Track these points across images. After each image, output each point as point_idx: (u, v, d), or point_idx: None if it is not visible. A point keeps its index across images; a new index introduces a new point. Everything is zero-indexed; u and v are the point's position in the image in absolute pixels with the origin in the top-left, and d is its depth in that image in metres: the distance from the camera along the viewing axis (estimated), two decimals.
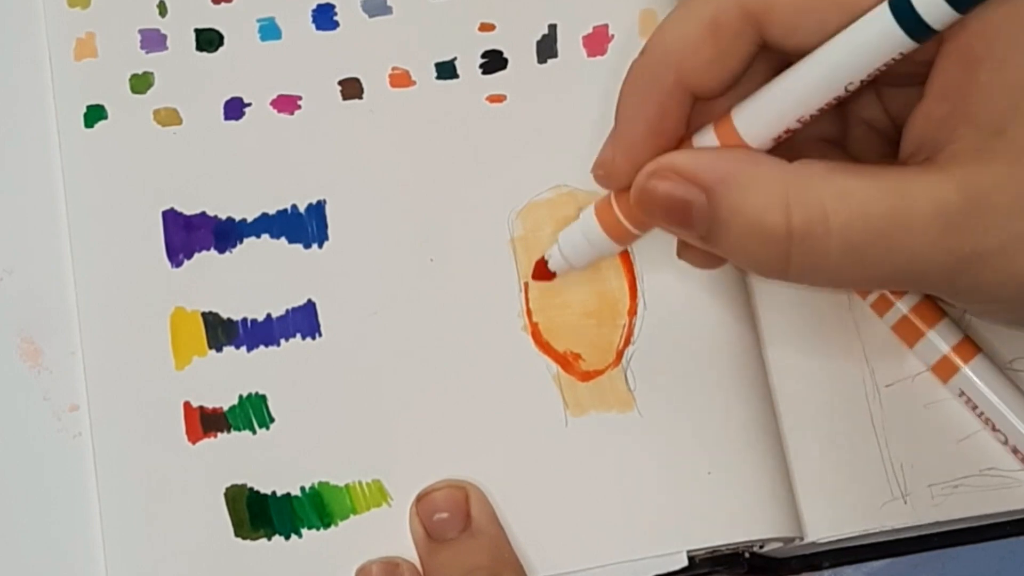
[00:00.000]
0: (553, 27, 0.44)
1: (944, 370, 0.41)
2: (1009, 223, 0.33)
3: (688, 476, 0.40)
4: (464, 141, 0.43)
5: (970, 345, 0.41)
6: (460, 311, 0.41)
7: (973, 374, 0.40)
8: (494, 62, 0.44)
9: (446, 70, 0.43)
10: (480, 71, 0.43)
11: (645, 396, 0.41)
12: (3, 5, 0.44)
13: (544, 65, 0.44)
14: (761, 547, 0.41)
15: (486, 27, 0.44)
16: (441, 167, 0.43)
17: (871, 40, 0.33)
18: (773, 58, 0.36)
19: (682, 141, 0.37)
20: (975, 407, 0.41)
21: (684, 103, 0.36)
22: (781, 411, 0.42)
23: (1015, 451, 0.40)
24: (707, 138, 0.36)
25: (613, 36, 0.44)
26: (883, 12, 0.32)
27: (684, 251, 0.40)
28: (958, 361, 0.41)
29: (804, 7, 0.34)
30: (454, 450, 0.40)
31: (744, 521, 0.40)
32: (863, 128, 0.39)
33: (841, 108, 0.38)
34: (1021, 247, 0.33)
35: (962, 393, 0.41)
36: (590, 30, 0.44)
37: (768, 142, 0.35)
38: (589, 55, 0.44)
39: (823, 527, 0.41)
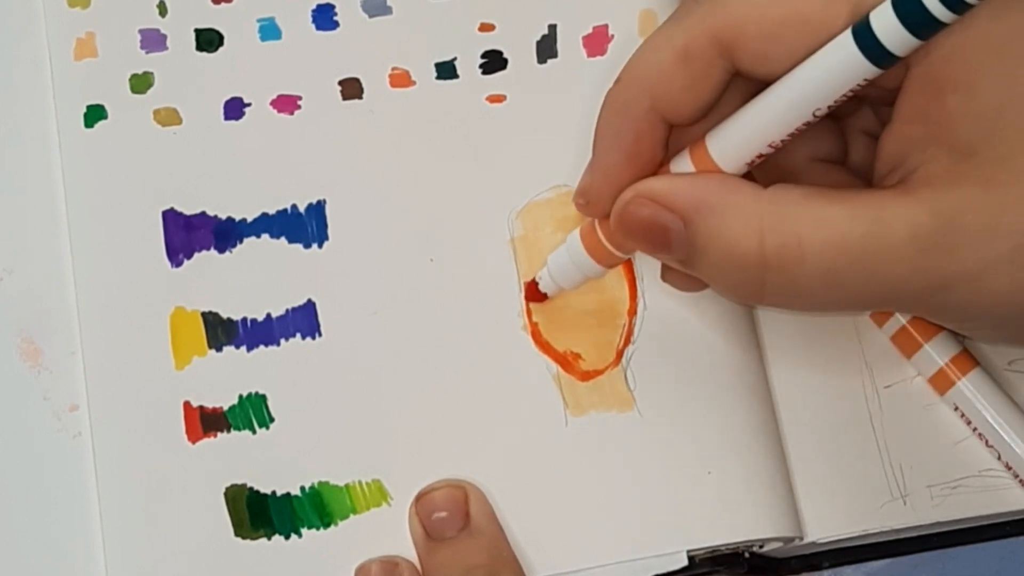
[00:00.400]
0: (553, 27, 0.44)
1: (941, 382, 0.41)
2: (982, 246, 0.33)
3: (688, 476, 0.40)
4: (464, 141, 0.43)
5: (968, 358, 0.41)
6: (460, 311, 0.41)
7: (970, 387, 0.40)
8: (494, 62, 0.44)
9: (446, 70, 0.43)
10: (480, 71, 0.43)
11: (645, 396, 0.41)
12: (3, 5, 0.44)
13: (544, 65, 0.44)
14: (761, 547, 0.41)
15: (486, 27, 0.44)
16: (441, 167, 0.43)
17: (835, 67, 0.33)
18: (750, 83, 0.36)
19: (660, 166, 0.37)
20: (969, 422, 0.41)
21: (659, 130, 0.36)
22: (781, 411, 0.42)
23: (1008, 467, 0.40)
24: (683, 163, 0.36)
25: (613, 36, 0.44)
26: (846, 39, 0.32)
27: (668, 274, 0.40)
28: (955, 374, 0.41)
29: (773, 35, 0.34)
30: (454, 450, 0.40)
31: (744, 521, 0.40)
32: (864, 139, 0.39)
33: (838, 124, 0.38)
34: (995, 270, 0.33)
35: (956, 407, 0.41)
36: (590, 30, 0.44)
37: (742, 166, 0.35)
38: (589, 55, 0.44)
39: (823, 527, 0.41)
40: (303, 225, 0.42)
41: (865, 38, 0.32)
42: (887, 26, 0.32)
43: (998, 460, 0.41)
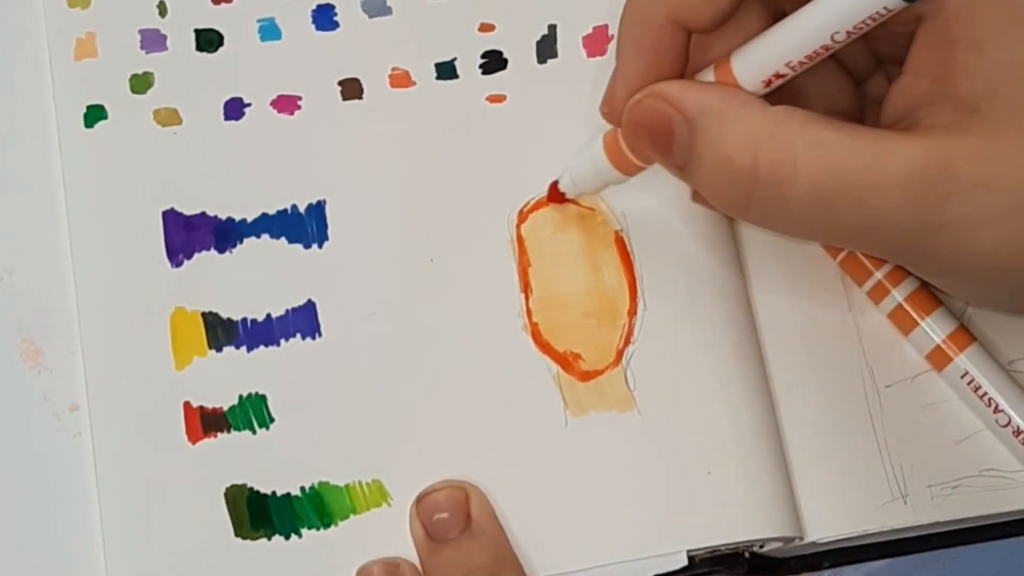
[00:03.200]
0: (553, 27, 0.44)
1: (938, 359, 0.41)
2: (975, 196, 0.33)
3: (688, 476, 0.40)
4: (464, 141, 0.43)
5: (965, 333, 0.41)
6: (460, 311, 0.41)
7: (968, 361, 0.40)
8: (494, 62, 0.44)
9: (446, 70, 0.43)
10: (480, 71, 0.43)
11: (645, 396, 0.41)
12: (3, 5, 0.44)
13: (544, 65, 0.44)
14: (761, 547, 0.41)
15: (486, 27, 0.44)
16: (441, 167, 0.43)
17: None
18: (771, 5, 0.36)
19: (680, 75, 0.37)
20: (978, 387, 0.40)
21: (678, 38, 0.37)
22: (781, 411, 0.42)
23: (1017, 432, 0.40)
24: (706, 77, 0.37)
25: (613, 36, 0.44)
26: None
27: (697, 194, 0.40)
28: (952, 350, 0.41)
29: None
30: (454, 450, 0.40)
31: (744, 521, 0.40)
32: (874, 106, 0.39)
33: (857, 86, 0.39)
34: (985, 222, 0.33)
35: (966, 373, 0.41)
36: (590, 30, 0.44)
37: (759, 84, 0.36)
38: (589, 55, 0.44)
39: (823, 527, 0.41)
40: (303, 225, 0.42)
41: None
42: None
43: (1007, 427, 0.40)
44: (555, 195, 0.42)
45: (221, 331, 0.41)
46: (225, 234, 0.42)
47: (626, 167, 0.39)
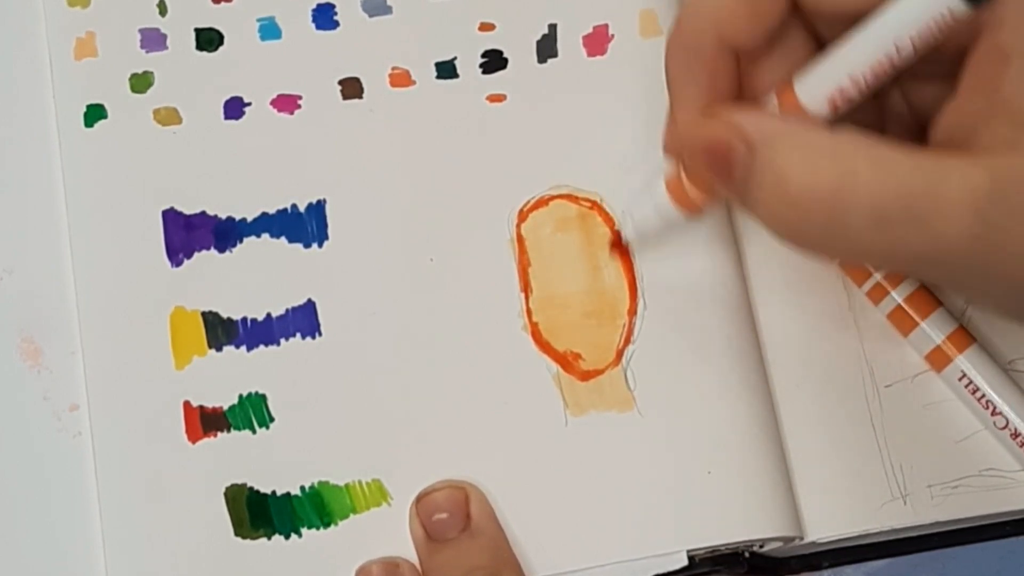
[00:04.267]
0: (553, 27, 0.44)
1: (938, 360, 0.41)
2: None
3: (688, 476, 0.40)
4: (464, 141, 0.43)
5: (965, 335, 0.41)
6: (460, 311, 0.41)
7: (968, 362, 0.40)
8: (494, 62, 0.44)
9: (446, 70, 0.43)
10: (480, 71, 0.43)
11: (645, 396, 0.41)
12: (3, 5, 0.44)
13: (544, 65, 0.44)
14: (761, 547, 0.41)
15: (486, 27, 0.44)
16: (441, 167, 0.43)
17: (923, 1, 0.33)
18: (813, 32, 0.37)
19: (735, 100, 0.37)
20: (975, 390, 0.40)
21: (730, 61, 0.37)
22: (781, 411, 0.42)
23: (1015, 434, 0.40)
24: (770, 102, 0.37)
25: (613, 36, 0.44)
26: None
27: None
28: (951, 351, 0.41)
29: None
30: (454, 450, 0.40)
31: (744, 521, 0.40)
32: (895, 123, 0.39)
33: (880, 103, 0.39)
34: None
35: (963, 375, 0.40)
36: (590, 30, 0.44)
37: (823, 103, 0.35)
38: (589, 55, 0.44)
39: (823, 527, 0.41)
40: (303, 225, 0.42)
41: None
42: None
43: (1004, 429, 0.40)
44: (619, 246, 0.41)
45: (221, 331, 0.41)
46: (225, 233, 0.42)
47: (691, 207, 0.38)
